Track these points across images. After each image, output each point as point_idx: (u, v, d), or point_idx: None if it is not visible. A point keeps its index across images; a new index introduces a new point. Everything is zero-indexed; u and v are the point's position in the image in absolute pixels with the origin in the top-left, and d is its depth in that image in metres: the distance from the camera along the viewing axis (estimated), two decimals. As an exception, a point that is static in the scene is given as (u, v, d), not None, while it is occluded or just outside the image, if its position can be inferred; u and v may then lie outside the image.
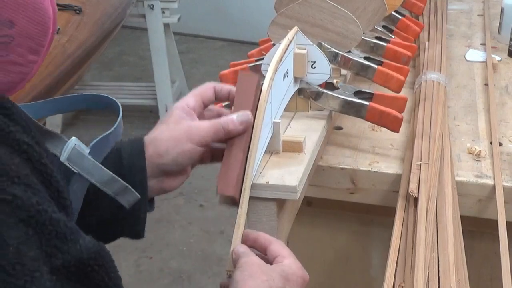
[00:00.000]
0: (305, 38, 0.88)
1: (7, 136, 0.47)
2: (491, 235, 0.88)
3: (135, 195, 0.67)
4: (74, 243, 0.48)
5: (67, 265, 0.47)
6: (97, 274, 0.50)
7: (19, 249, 0.43)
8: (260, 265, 0.63)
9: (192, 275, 2.20)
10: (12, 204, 0.43)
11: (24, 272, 0.42)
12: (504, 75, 1.32)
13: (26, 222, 0.44)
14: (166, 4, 2.94)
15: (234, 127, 0.72)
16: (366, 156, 0.99)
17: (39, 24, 0.52)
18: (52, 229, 0.46)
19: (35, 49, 0.52)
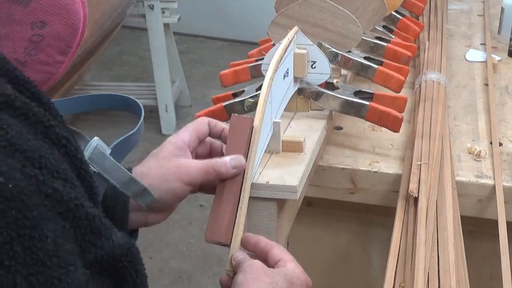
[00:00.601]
0: (305, 38, 0.88)
1: (47, 129, 0.48)
2: (491, 235, 0.88)
3: (152, 197, 0.67)
4: (107, 238, 0.49)
5: (100, 260, 0.48)
6: (127, 270, 0.51)
7: (56, 241, 0.43)
8: (264, 268, 0.63)
9: (192, 275, 2.20)
10: (52, 198, 0.44)
11: (60, 264, 0.43)
12: (504, 75, 1.32)
13: (63, 216, 0.45)
14: (166, 4, 2.93)
15: (226, 170, 0.70)
16: (366, 156, 0.99)
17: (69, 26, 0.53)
18: (87, 223, 0.47)
19: (63, 50, 0.53)
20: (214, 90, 3.26)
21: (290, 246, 1.06)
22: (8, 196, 0.40)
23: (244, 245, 0.68)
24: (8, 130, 0.43)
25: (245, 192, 0.71)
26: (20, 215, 0.41)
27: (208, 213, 0.71)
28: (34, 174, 0.43)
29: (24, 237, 0.41)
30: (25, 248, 0.41)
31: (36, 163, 0.44)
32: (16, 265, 0.40)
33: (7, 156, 0.42)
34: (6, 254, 0.40)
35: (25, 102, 0.46)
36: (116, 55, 4.13)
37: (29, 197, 0.42)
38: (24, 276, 0.40)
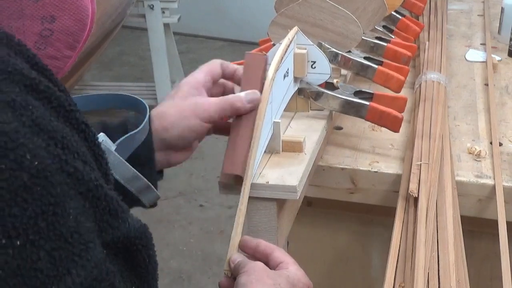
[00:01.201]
0: (305, 38, 0.88)
1: (68, 114, 0.49)
2: (491, 235, 0.88)
3: (156, 194, 0.68)
4: (124, 220, 0.50)
5: (115, 241, 0.49)
6: (140, 254, 0.52)
7: (77, 219, 0.44)
8: (266, 270, 0.63)
9: (192, 275, 2.20)
10: (73, 177, 0.45)
11: (80, 241, 0.44)
12: (504, 75, 1.32)
13: (84, 195, 0.46)
14: (166, 4, 2.94)
15: (242, 105, 0.73)
16: (366, 156, 0.99)
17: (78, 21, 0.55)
18: (106, 205, 0.48)
19: (71, 44, 0.55)
20: (214, 90, 3.25)
21: (290, 246, 1.06)
22: (34, 173, 0.41)
23: (243, 249, 0.68)
24: (34, 110, 0.44)
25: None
26: (45, 192, 0.42)
27: (208, 213, 0.71)
28: (58, 154, 0.44)
29: (48, 213, 0.42)
30: (48, 224, 0.42)
31: (59, 143, 0.45)
32: (40, 240, 0.41)
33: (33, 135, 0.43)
34: (31, 228, 0.41)
35: (48, 86, 0.47)
36: (116, 55, 4.13)
37: (53, 175, 0.43)
38: (47, 251, 0.41)
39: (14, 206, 0.40)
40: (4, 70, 0.44)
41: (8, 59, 0.45)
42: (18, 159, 0.41)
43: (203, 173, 2.66)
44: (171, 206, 2.56)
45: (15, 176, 0.40)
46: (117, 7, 2.44)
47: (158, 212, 2.46)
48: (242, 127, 0.73)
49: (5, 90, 0.43)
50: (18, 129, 0.42)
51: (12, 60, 0.46)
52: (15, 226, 0.40)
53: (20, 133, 0.42)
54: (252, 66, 0.76)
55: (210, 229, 2.43)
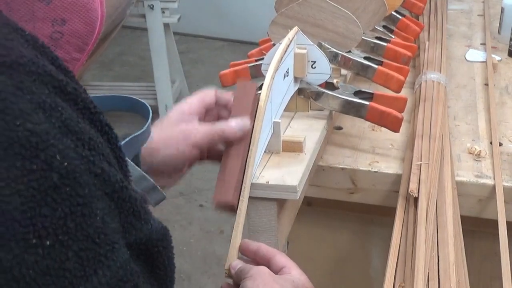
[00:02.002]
0: (305, 38, 0.88)
1: (93, 116, 0.49)
2: (491, 235, 0.88)
3: (162, 195, 0.68)
4: (146, 222, 0.50)
5: (138, 243, 0.49)
6: (160, 256, 0.52)
7: (104, 219, 0.44)
8: (272, 274, 0.63)
9: (192, 275, 2.20)
10: (100, 177, 0.45)
11: (106, 241, 0.44)
12: (504, 75, 1.32)
13: (110, 196, 0.46)
14: (166, 4, 2.93)
15: (231, 133, 0.72)
16: (366, 156, 0.99)
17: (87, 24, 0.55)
18: (130, 206, 0.48)
19: (80, 47, 0.55)
20: (214, 90, 3.25)
21: (290, 246, 1.06)
22: (64, 173, 0.42)
23: (243, 252, 0.68)
24: (62, 112, 0.44)
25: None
26: (73, 192, 0.42)
27: (208, 213, 0.71)
28: (86, 155, 0.44)
29: (77, 213, 0.42)
30: (77, 224, 0.42)
31: (86, 144, 0.45)
32: (69, 240, 0.41)
33: (62, 136, 0.43)
34: (60, 228, 0.41)
35: (75, 88, 0.48)
36: (116, 55, 4.13)
37: (81, 176, 0.43)
38: (75, 251, 0.42)
39: (44, 206, 0.40)
40: (34, 71, 0.45)
41: (37, 61, 0.46)
42: (49, 159, 0.41)
43: (203, 173, 2.66)
44: (171, 206, 2.56)
45: (45, 177, 0.41)
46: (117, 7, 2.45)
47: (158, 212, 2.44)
48: (232, 155, 0.72)
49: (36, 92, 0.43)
50: (48, 130, 0.42)
51: (41, 61, 0.46)
52: (45, 226, 0.40)
53: (50, 134, 0.42)
54: (243, 94, 0.76)
55: (210, 229, 2.43)
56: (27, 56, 0.45)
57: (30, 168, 0.40)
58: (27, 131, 0.41)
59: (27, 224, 0.39)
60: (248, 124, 0.73)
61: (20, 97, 0.42)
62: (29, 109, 0.42)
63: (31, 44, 0.49)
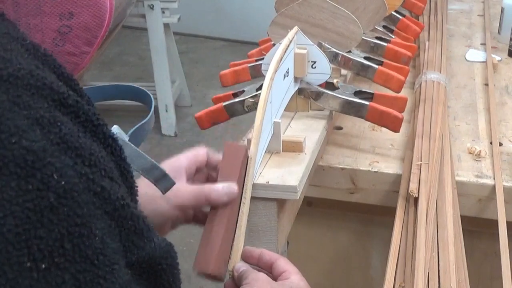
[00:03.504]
0: (305, 38, 0.88)
1: (96, 128, 0.48)
2: (491, 235, 0.88)
3: (172, 181, 0.65)
4: (149, 240, 0.48)
5: (140, 261, 0.48)
6: (164, 273, 0.51)
7: (103, 240, 0.43)
8: (269, 281, 0.63)
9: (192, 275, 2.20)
10: (100, 196, 0.44)
11: (105, 263, 0.43)
12: (504, 75, 1.32)
13: (110, 215, 0.45)
14: (166, 4, 2.93)
15: (217, 197, 0.69)
16: (366, 156, 0.99)
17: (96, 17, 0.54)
18: (132, 224, 0.47)
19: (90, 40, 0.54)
20: (214, 90, 3.26)
21: (290, 246, 1.06)
22: (61, 193, 0.40)
23: (246, 259, 0.67)
24: (62, 127, 0.43)
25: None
26: (71, 212, 0.41)
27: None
28: (85, 172, 0.43)
29: (74, 234, 0.41)
30: (74, 246, 0.41)
31: (86, 161, 0.44)
32: (65, 262, 0.40)
33: (60, 153, 0.42)
34: (56, 251, 0.40)
35: (76, 101, 0.46)
36: (116, 55, 4.12)
37: (79, 195, 0.42)
38: (72, 273, 0.40)
39: (40, 228, 0.39)
40: (33, 84, 0.43)
41: (37, 73, 0.44)
42: (45, 178, 0.40)
43: (203, 173, 2.65)
44: (171, 206, 2.56)
45: (41, 197, 0.39)
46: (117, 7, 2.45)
47: (158, 212, 2.45)
48: (216, 221, 0.69)
49: (34, 106, 0.42)
50: (46, 148, 0.40)
51: (41, 73, 0.45)
52: (41, 248, 0.39)
53: (47, 152, 0.40)
54: (231, 157, 0.72)
55: (210, 229, 2.43)
56: (26, 68, 0.44)
57: (26, 188, 0.39)
58: (23, 149, 0.39)
59: (22, 247, 0.38)
60: (235, 190, 0.70)
61: (17, 113, 0.40)
62: (26, 126, 0.40)
63: (31, 54, 0.48)
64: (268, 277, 0.64)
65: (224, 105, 0.93)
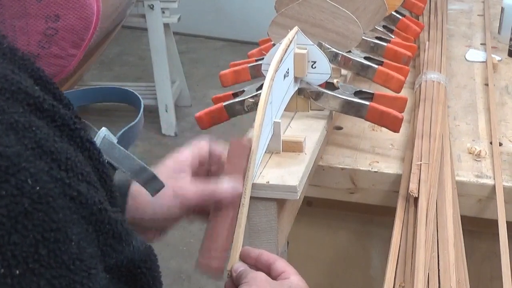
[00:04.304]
0: (305, 38, 0.88)
1: (73, 132, 0.48)
2: (491, 235, 0.88)
3: (161, 183, 0.66)
4: (128, 244, 0.48)
5: (119, 265, 0.48)
6: (144, 277, 0.50)
7: (80, 245, 0.43)
8: (268, 280, 0.63)
9: (192, 275, 2.20)
10: (76, 200, 0.43)
11: (82, 268, 0.42)
12: (504, 75, 1.32)
13: (87, 220, 0.44)
14: (166, 4, 2.93)
15: (222, 195, 0.70)
16: (366, 156, 0.99)
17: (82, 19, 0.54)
18: (109, 228, 0.46)
19: (76, 43, 0.54)
20: (214, 90, 3.25)
21: (290, 246, 1.06)
22: (35, 198, 0.40)
23: (245, 259, 0.67)
24: (37, 132, 0.43)
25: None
26: (47, 218, 0.40)
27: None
28: (61, 177, 0.43)
29: (50, 239, 0.40)
30: (49, 251, 0.40)
31: (62, 165, 0.43)
32: (40, 268, 0.40)
33: (35, 158, 0.41)
34: (31, 256, 0.39)
35: (52, 105, 0.46)
36: (116, 55, 4.12)
37: (55, 200, 0.41)
38: (48, 279, 0.40)
39: (14, 234, 0.38)
40: (7, 89, 0.43)
41: (12, 77, 0.44)
42: (19, 184, 0.39)
43: (203, 173, 2.66)
44: (171, 206, 2.56)
45: (15, 202, 0.39)
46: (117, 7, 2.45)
47: (158, 212, 2.46)
48: (221, 217, 0.69)
49: (8, 111, 0.42)
50: (20, 153, 0.40)
51: (16, 78, 0.44)
52: (15, 254, 0.38)
53: (22, 157, 0.40)
54: (236, 154, 0.73)
55: (210, 229, 2.43)
56: (0, 73, 0.43)
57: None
58: None
59: None
60: (240, 187, 0.71)
61: None
62: (0, 131, 0.40)
63: (7, 58, 0.47)
64: (266, 276, 0.64)
65: (224, 105, 0.93)
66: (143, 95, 3.20)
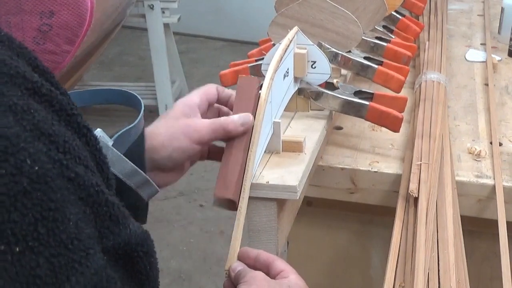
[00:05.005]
0: (305, 38, 0.88)
1: (70, 117, 0.48)
2: (491, 235, 0.88)
3: (154, 188, 0.67)
4: (125, 227, 0.49)
5: (116, 248, 0.48)
6: (141, 260, 0.51)
7: (78, 225, 0.43)
8: (267, 279, 0.63)
9: (192, 275, 2.20)
10: (74, 182, 0.44)
11: (80, 247, 0.43)
12: (504, 75, 1.32)
13: (84, 201, 0.45)
14: (166, 4, 2.94)
15: (234, 127, 0.72)
16: (366, 156, 0.99)
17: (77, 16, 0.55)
18: (107, 210, 0.47)
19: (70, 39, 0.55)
20: (214, 90, 3.25)
21: (290, 246, 1.06)
22: (34, 178, 0.41)
23: (243, 260, 0.67)
24: (35, 114, 0.43)
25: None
26: (45, 197, 0.41)
27: (208, 213, 0.71)
28: (59, 158, 0.44)
29: (48, 218, 0.41)
30: (48, 230, 0.41)
31: (60, 147, 0.44)
32: (40, 246, 0.41)
33: (33, 139, 0.42)
34: (30, 235, 0.40)
35: (50, 90, 0.47)
36: (116, 55, 4.13)
37: (53, 180, 0.42)
38: (47, 257, 0.41)
39: (13, 212, 0.39)
40: (6, 73, 0.44)
41: (10, 62, 0.45)
42: (18, 164, 0.40)
43: (203, 173, 2.66)
44: (171, 206, 2.56)
45: (15, 181, 0.40)
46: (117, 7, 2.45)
47: (158, 212, 2.46)
48: (234, 150, 0.72)
49: (6, 94, 0.43)
50: (19, 134, 0.41)
51: (14, 62, 0.45)
52: (14, 232, 0.39)
53: (21, 138, 0.41)
54: (245, 89, 0.76)
55: (210, 229, 2.43)
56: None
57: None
58: None
59: None
60: (251, 119, 0.73)
61: None
62: None
63: (6, 45, 0.48)
64: (265, 275, 0.64)
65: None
66: (143, 95, 3.21)
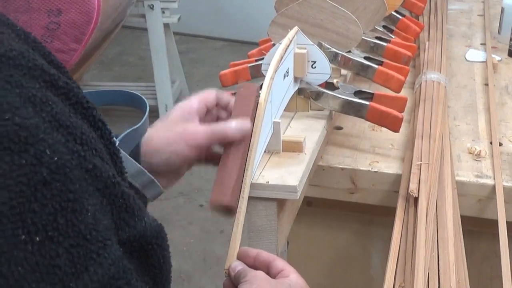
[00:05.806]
0: (305, 38, 0.88)
1: (86, 111, 0.49)
2: (491, 235, 0.88)
3: (159, 189, 0.68)
4: (140, 219, 0.49)
5: (132, 240, 0.49)
6: (155, 253, 0.52)
7: (95, 216, 0.44)
8: (268, 279, 0.63)
9: (192, 275, 2.20)
10: (92, 173, 0.45)
11: (98, 238, 0.43)
12: (504, 75, 1.32)
13: (102, 192, 0.46)
14: (166, 4, 2.93)
15: (231, 133, 0.72)
16: (366, 156, 0.99)
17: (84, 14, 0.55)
18: (123, 202, 0.48)
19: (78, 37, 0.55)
20: (214, 90, 3.25)
21: (290, 246, 1.06)
22: (53, 168, 0.41)
23: (243, 259, 0.67)
24: (53, 106, 0.44)
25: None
26: (64, 188, 0.42)
27: (208, 213, 0.71)
28: (77, 150, 0.44)
29: (67, 209, 0.42)
30: (67, 220, 0.41)
31: (78, 139, 0.45)
32: (59, 236, 0.41)
33: (52, 130, 0.43)
34: (50, 225, 0.40)
35: (66, 83, 0.47)
36: (116, 55, 4.13)
37: (72, 171, 0.42)
38: (66, 248, 0.41)
39: (33, 202, 0.40)
40: (24, 65, 0.44)
41: (28, 55, 0.45)
42: (38, 154, 0.40)
43: (203, 173, 2.66)
44: (171, 206, 2.56)
45: (35, 172, 0.40)
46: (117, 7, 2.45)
47: (158, 212, 2.46)
48: (232, 156, 0.71)
49: (26, 85, 0.43)
50: (38, 124, 0.41)
51: (31, 55, 0.46)
52: (35, 222, 0.40)
53: (40, 129, 0.41)
54: (244, 96, 0.76)
55: (210, 229, 2.43)
56: (17, 50, 0.45)
57: (19, 163, 0.40)
58: (16, 125, 0.40)
59: (16, 219, 0.39)
60: (248, 126, 0.73)
61: (9, 91, 0.41)
62: (18, 103, 0.41)
63: (22, 39, 0.48)
64: (266, 275, 0.64)
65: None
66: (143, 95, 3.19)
